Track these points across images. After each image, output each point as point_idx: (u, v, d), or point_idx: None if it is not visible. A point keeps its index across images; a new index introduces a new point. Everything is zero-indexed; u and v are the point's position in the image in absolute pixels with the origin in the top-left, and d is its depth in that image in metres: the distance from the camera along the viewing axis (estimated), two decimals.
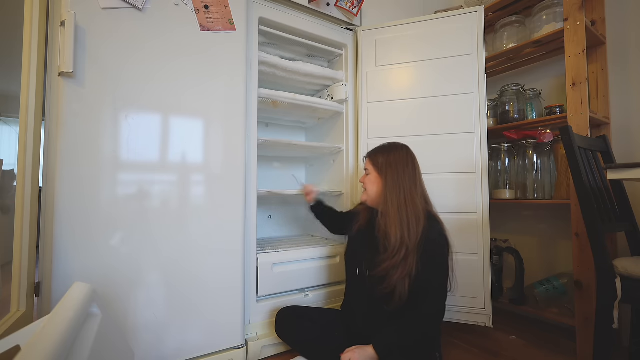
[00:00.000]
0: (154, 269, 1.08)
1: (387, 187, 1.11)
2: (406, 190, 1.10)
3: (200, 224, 1.16)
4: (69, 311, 0.62)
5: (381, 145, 1.23)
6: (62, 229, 0.95)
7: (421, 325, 1.04)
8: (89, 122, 1.00)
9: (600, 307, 1.01)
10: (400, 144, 1.21)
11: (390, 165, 1.14)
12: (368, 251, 1.16)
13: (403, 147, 1.19)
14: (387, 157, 1.16)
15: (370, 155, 1.22)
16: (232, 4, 1.26)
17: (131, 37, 1.07)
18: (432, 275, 1.05)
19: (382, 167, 1.15)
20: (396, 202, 1.08)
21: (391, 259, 1.04)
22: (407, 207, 1.07)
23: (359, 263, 1.19)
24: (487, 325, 1.43)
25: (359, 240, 1.24)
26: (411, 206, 1.08)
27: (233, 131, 1.25)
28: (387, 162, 1.15)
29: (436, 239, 1.06)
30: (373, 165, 1.18)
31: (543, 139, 1.52)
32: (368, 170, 1.20)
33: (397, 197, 1.09)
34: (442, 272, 1.06)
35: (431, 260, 1.04)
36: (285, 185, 2.00)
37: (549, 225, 1.74)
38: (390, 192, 1.10)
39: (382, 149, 1.21)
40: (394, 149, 1.18)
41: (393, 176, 1.12)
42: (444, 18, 1.56)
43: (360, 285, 1.18)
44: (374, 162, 1.18)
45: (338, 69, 1.76)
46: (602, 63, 1.54)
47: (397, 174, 1.12)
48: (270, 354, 1.33)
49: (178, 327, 1.12)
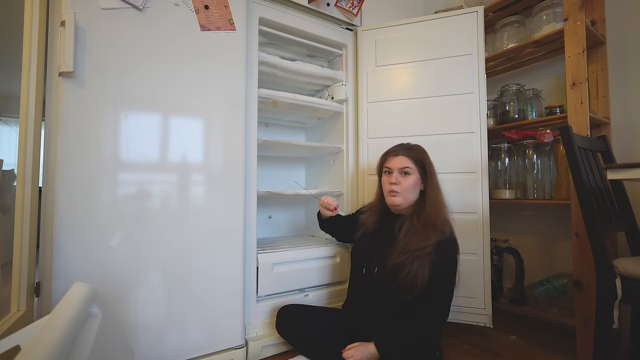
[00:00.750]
0: (154, 268, 1.08)
1: (433, 189, 1.11)
2: (441, 195, 1.13)
3: (200, 224, 1.16)
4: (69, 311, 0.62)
5: (413, 146, 1.19)
6: (62, 229, 0.95)
7: (424, 326, 1.05)
8: (89, 122, 1.00)
9: (600, 307, 1.01)
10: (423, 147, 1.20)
11: (432, 168, 1.13)
12: (380, 250, 1.15)
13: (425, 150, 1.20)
14: (428, 159, 1.13)
15: (410, 154, 1.13)
16: (232, 4, 1.26)
17: (131, 37, 1.07)
18: (442, 277, 1.06)
19: (429, 169, 1.13)
20: (442, 204, 1.10)
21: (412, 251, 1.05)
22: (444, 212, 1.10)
23: (367, 261, 1.18)
24: (487, 325, 1.43)
25: (368, 240, 1.23)
26: (446, 211, 1.11)
27: (233, 131, 1.25)
28: (430, 164, 1.13)
29: (452, 245, 1.09)
30: (416, 165, 1.12)
31: (543, 139, 1.52)
32: (410, 170, 1.11)
33: (440, 203, 1.10)
34: (451, 275, 1.07)
35: (443, 263, 1.05)
36: (285, 185, 2.01)
37: (549, 225, 1.74)
38: (437, 193, 1.11)
39: (418, 149, 1.17)
40: (425, 151, 1.17)
41: (435, 179, 1.12)
42: (444, 18, 1.56)
43: (367, 283, 1.17)
44: (418, 162, 1.12)
45: (338, 69, 1.76)
46: (602, 63, 1.54)
47: (436, 177, 1.13)
48: (271, 354, 1.33)
49: (178, 327, 1.12)
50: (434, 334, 1.10)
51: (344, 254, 1.57)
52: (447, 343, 1.44)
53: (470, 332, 1.55)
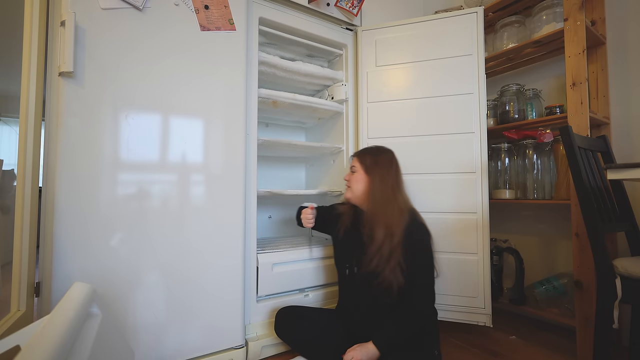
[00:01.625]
0: (154, 269, 1.08)
1: (374, 186, 1.17)
2: (391, 187, 1.17)
3: (200, 224, 1.16)
4: (69, 311, 0.62)
5: (368, 147, 1.29)
6: (62, 229, 0.95)
7: (417, 317, 1.07)
8: (89, 122, 1.00)
9: (600, 307, 1.01)
10: (386, 148, 1.28)
11: (377, 165, 1.20)
12: (355, 250, 1.19)
13: (389, 150, 1.26)
14: (375, 158, 1.22)
15: (359, 155, 1.26)
16: (232, 4, 1.26)
17: (131, 37, 1.07)
18: (420, 265, 1.09)
19: (370, 166, 1.20)
20: (381, 199, 1.14)
21: (379, 253, 1.09)
22: (392, 204, 1.14)
23: (348, 262, 1.22)
24: (486, 324, 1.43)
25: (345, 240, 1.26)
26: (395, 202, 1.14)
27: (233, 131, 1.25)
28: (374, 162, 1.20)
29: (419, 230, 1.13)
30: (361, 164, 1.22)
31: (543, 139, 1.52)
32: (355, 168, 1.23)
33: (382, 195, 1.15)
34: (429, 260, 1.11)
35: (417, 251, 1.10)
36: (285, 185, 2.01)
37: (549, 225, 1.74)
38: (376, 190, 1.16)
39: (369, 150, 1.27)
40: (381, 151, 1.25)
41: (380, 175, 1.18)
42: (444, 19, 1.56)
43: (352, 284, 1.21)
44: (362, 161, 1.23)
45: (338, 69, 1.76)
46: (602, 63, 1.54)
47: (383, 173, 1.18)
48: (271, 354, 1.33)
49: (178, 327, 1.12)
50: (430, 323, 1.12)
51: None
52: (447, 342, 1.44)
53: (470, 331, 1.55)
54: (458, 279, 1.47)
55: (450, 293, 1.48)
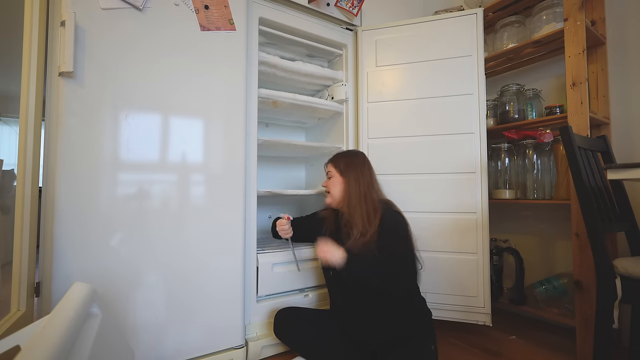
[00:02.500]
0: (154, 269, 1.08)
1: (350, 185, 1.23)
2: (365, 186, 1.22)
3: (200, 224, 1.16)
4: (69, 311, 0.62)
5: (340, 152, 1.36)
6: (62, 229, 0.95)
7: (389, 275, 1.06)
8: (89, 122, 1.00)
9: (600, 307, 1.01)
10: (357, 150, 1.40)
11: (350, 167, 1.26)
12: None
13: (360, 152, 1.35)
14: (347, 161, 1.28)
15: (332, 160, 1.32)
16: (232, 4, 1.26)
17: (131, 37, 1.07)
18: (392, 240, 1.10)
19: (344, 168, 1.26)
20: (358, 196, 1.20)
21: (355, 243, 1.12)
22: (367, 199, 1.19)
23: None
24: (486, 323, 1.43)
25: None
26: (370, 199, 1.19)
27: (233, 131, 1.25)
28: (347, 164, 1.27)
29: (390, 216, 1.16)
30: (335, 168, 1.28)
31: (543, 139, 1.52)
32: (331, 173, 1.29)
33: (358, 192, 1.21)
34: (401, 236, 1.12)
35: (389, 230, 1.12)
36: (285, 185, 2.01)
37: (549, 225, 1.74)
38: (353, 189, 1.22)
39: (341, 154, 1.33)
40: (353, 154, 1.33)
41: (354, 175, 1.24)
42: (444, 19, 1.56)
43: (337, 284, 1.22)
44: (336, 165, 1.29)
45: (338, 69, 1.76)
46: (602, 63, 1.54)
47: (357, 174, 1.24)
48: (271, 354, 1.33)
49: (178, 327, 1.12)
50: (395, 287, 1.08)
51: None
52: (446, 342, 1.44)
53: (470, 331, 1.55)
54: (458, 279, 1.47)
55: (450, 292, 1.48)
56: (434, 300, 1.48)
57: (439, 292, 1.49)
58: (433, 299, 1.47)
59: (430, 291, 1.46)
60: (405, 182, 1.55)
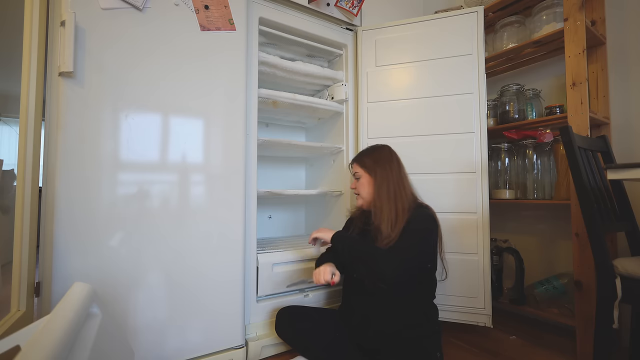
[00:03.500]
0: (154, 268, 1.08)
1: (377, 183, 1.16)
2: (395, 183, 1.15)
3: (200, 224, 1.16)
4: (69, 311, 0.62)
5: (364, 150, 1.29)
6: (62, 229, 0.95)
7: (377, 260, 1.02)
8: (89, 122, 1.00)
9: (600, 307, 1.01)
10: (381, 144, 1.27)
11: (377, 163, 1.19)
12: None
13: (385, 146, 1.25)
14: (373, 157, 1.21)
15: (357, 159, 1.25)
16: (232, 4, 1.26)
17: (131, 37, 1.07)
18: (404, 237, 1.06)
19: (371, 166, 1.19)
20: (386, 195, 1.13)
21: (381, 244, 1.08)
22: (397, 199, 1.12)
23: None
24: (487, 325, 1.43)
25: None
26: (401, 198, 1.13)
27: (233, 131, 1.25)
28: (374, 161, 1.20)
29: (419, 214, 1.11)
30: (361, 167, 1.22)
31: (543, 139, 1.52)
32: (358, 174, 1.22)
33: (387, 191, 1.14)
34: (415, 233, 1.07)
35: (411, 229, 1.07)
36: (285, 185, 2.01)
37: (549, 225, 1.74)
38: (380, 187, 1.15)
39: (365, 151, 1.26)
40: (377, 149, 1.25)
41: (382, 172, 1.17)
42: (444, 18, 1.56)
43: (357, 285, 1.18)
44: (362, 164, 1.22)
45: (338, 69, 1.76)
46: (602, 63, 1.54)
47: (385, 170, 1.17)
48: (271, 354, 1.33)
49: (178, 327, 1.12)
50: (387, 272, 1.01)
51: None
52: (447, 342, 1.44)
53: (470, 331, 1.55)
54: (458, 279, 1.47)
55: (450, 293, 1.48)
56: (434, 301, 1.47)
57: (439, 293, 1.48)
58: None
59: None
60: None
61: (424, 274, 1.14)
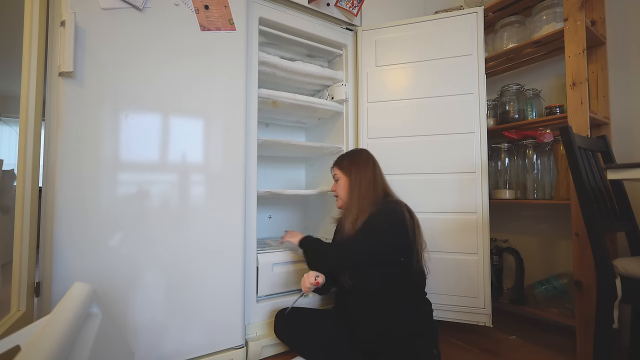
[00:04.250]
0: (154, 269, 1.08)
1: (351, 183, 1.22)
2: (368, 182, 1.20)
3: (200, 224, 1.16)
4: (69, 311, 0.62)
5: (343, 153, 1.35)
6: (62, 229, 0.95)
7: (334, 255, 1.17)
8: (89, 122, 1.00)
9: (600, 307, 1.01)
10: (360, 148, 1.37)
11: (353, 164, 1.25)
12: None
13: (363, 149, 1.33)
14: (350, 159, 1.28)
15: (336, 162, 1.31)
16: (232, 3, 1.26)
17: (131, 37, 1.07)
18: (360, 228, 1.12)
19: (347, 167, 1.26)
20: (357, 194, 1.18)
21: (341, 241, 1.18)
22: (365, 197, 1.17)
23: None
24: (487, 324, 1.43)
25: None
26: (368, 196, 1.17)
27: (233, 131, 1.25)
28: (350, 162, 1.26)
29: (381, 209, 1.14)
30: (340, 169, 1.28)
31: (543, 139, 1.52)
32: (337, 176, 1.28)
33: (358, 190, 1.19)
34: (371, 225, 1.11)
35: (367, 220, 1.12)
36: (285, 185, 2.01)
37: (549, 225, 1.74)
38: (353, 187, 1.21)
39: (344, 155, 1.33)
40: (355, 152, 1.33)
41: (356, 172, 1.22)
42: (444, 18, 1.56)
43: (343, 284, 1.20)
44: (340, 166, 1.28)
45: (338, 69, 1.76)
46: (602, 63, 1.54)
47: (360, 170, 1.23)
48: (271, 354, 1.33)
49: (178, 327, 1.12)
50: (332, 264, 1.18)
51: None
52: (447, 343, 1.44)
53: (470, 331, 1.55)
54: (458, 279, 1.47)
55: (450, 293, 1.48)
56: (434, 301, 1.47)
57: (439, 293, 1.49)
58: (433, 299, 1.46)
59: (430, 291, 1.46)
60: (405, 182, 1.55)
61: (396, 268, 1.12)
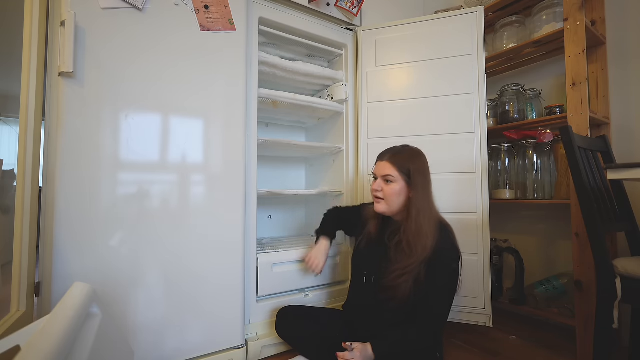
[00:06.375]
0: (154, 269, 1.08)
1: (418, 199, 1.03)
2: (432, 198, 1.07)
3: (200, 224, 1.16)
4: (69, 311, 0.62)
5: (402, 150, 1.11)
6: (62, 229, 0.95)
7: (421, 339, 1.02)
8: (89, 122, 1.00)
9: (600, 307, 1.01)
10: (417, 148, 1.12)
11: (419, 172, 1.05)
12: (382, 261, 1.11)
13: (422, 152, 1.11)
14: (416, 165, 1.05)
15: (394, 160, 1.07)
16: (232, 4, 1.26)
17: (131, 37, 1.07)
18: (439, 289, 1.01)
19: (413, 174, 1.04)
20: (424, 214, 1.02)
21: (405, 267, 1.01)
22: (431, 218, 1.04)
23: (367, 270, 1.17)
24: (487, 325, 1.43)
25: (368, 248, 1.20)
26: (432, 217, 1.05)
27: (233, 131, 1.25)
28: (417, 171, 1.04)
29: (450, 253, 1.02)
30: (399, 172, 1.05)
31: (543, 139, 1.52)
32: (392, 178, 1.05)
33: (423, 208, 1.03)
34: (445, 288, 1.02)
35: (440, 274, 1.01)
36: (285, 185, 2.01)
37: (549, 225, 1.74)
38: (420, 204, 1.02)
39: (406, 154, 1.09)
40: (417, 154, 1.09)
41: (422, 186, 1.04)
42: (444, 18, 1.56)
43: (366, 292, 1.16)
44: (401, 168, 1.05)
45: (338, 69, 1.76)
46: (602, 63, 1.54)
47: (426, 182, 1.05)
48: (271, 354, 1.33)
49: (178, 327, 1.12)
50: (431, 343, 1.06)
51: (344, 254, 1.57)
52: (447, 343, 1.44)
53: (470, 331, 1.55)
54: None
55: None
56: None
57: None
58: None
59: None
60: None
61: None
